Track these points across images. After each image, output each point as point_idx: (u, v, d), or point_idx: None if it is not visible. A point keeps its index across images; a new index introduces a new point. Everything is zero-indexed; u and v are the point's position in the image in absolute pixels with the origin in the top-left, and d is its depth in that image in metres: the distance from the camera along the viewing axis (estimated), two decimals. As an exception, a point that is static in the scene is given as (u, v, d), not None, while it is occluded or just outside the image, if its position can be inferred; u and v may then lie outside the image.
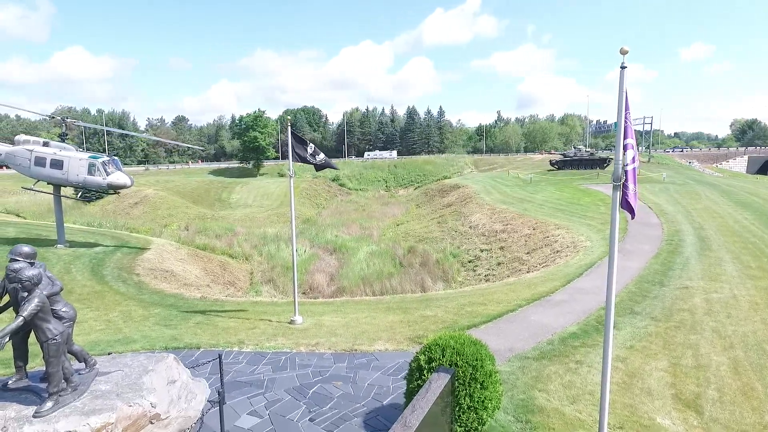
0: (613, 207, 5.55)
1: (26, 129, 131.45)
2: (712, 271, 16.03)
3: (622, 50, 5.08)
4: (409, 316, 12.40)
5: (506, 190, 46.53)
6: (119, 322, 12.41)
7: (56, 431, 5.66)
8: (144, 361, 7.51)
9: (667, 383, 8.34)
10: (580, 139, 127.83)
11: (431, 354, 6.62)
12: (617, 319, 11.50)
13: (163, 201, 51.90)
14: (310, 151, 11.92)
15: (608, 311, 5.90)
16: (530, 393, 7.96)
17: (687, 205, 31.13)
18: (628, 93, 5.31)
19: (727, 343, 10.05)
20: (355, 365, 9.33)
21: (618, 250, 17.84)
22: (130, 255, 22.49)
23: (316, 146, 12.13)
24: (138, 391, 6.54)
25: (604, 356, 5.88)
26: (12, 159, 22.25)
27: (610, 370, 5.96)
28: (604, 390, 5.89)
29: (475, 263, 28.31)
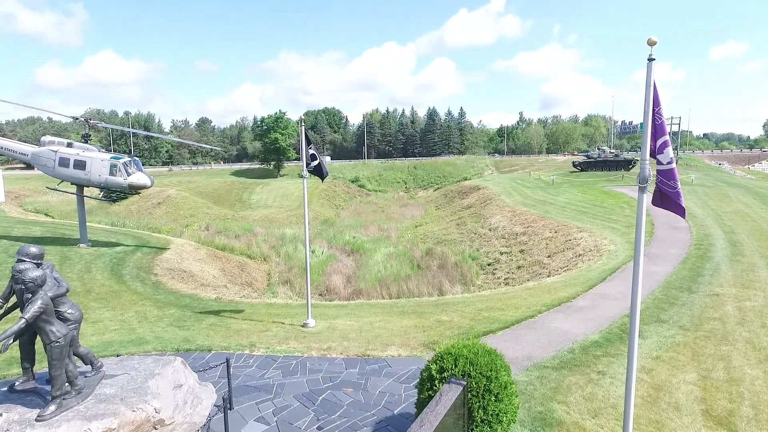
0: (639, 210, 5.18)
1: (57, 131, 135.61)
2: (744, 277, 15.26)
3: (650, 41, 4.72)
4: (424, 321, 12.08)
5: (527, 192, 45.69)
6: (134, 322, 12.43)
7: (58, 435, 5.56)
8: (151, 364, 7.39)
9: (697, 398, 7.84)
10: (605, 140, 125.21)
11: (443, 363, 6.31)
12: (642, 328, 10.98)
13: (186, 201, 52.64)
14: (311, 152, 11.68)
15: (633, 319, 5.52)
16: (549, 405, 7.58)
17: (717, 208, 29.96)
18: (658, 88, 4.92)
19: (763, 355, 9.45)
20: (367, 371, 9.08)
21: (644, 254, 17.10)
22: (150, 255, 22.73)
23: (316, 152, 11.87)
24: (143, 396, 6.41)
25: (629, 367, 5.50)
26: (38, 160, 22.75)
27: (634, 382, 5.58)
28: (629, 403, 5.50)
29: (494, 266, 27.78)
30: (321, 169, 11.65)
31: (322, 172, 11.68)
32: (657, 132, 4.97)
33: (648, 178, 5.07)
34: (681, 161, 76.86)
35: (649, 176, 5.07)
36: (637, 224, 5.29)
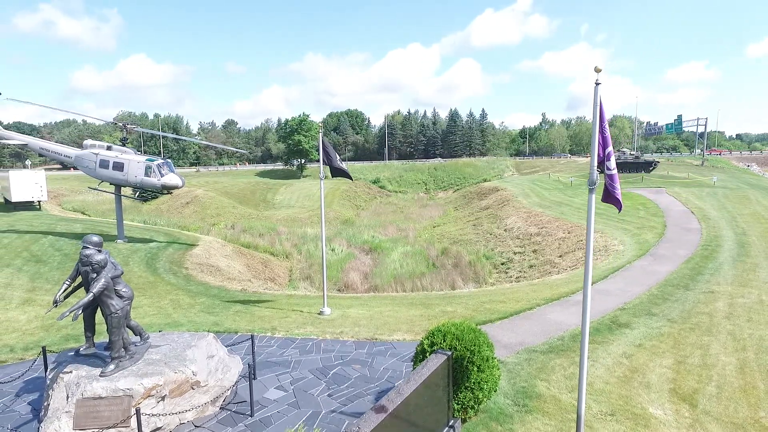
0: (589, 206, 6.16)
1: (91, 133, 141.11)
2: (744, 276, 15.81)
3: (596, 68, 5.71)
4: (429, 311, 13.15)
5: (545, 194, 46.08)
6: (169, 308, 13.87)
7: (117, 388, 6.88)
8: (188, 338, 8.71)
9: (668, 379, 8.71)
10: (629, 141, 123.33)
11: (434, 339, 7.40)
12: (632, 320, 11.81)
13: (212, 201, 54.80)
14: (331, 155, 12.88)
15: (584, 304, 6.48)
16: (532, 381, 8.57)
17: (733, 210, 30.02)
18: (604, 106, 5.90)
19: (740, 346, 10.20)
20: (374, 352, 10.22)
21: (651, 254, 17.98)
22: (181, 251, 24.39)
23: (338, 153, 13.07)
24: (182, 362, 7.70)
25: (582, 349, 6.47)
26: (80, 162, 24.67)
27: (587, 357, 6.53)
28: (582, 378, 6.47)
29: (507, 265, 28.55)
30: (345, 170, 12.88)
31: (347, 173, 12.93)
32: (605, 144, 5.95)
33: (596, 181, 6.05)
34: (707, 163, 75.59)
35: (596, 180, 6.04)
36: (588, 219, 6.25)
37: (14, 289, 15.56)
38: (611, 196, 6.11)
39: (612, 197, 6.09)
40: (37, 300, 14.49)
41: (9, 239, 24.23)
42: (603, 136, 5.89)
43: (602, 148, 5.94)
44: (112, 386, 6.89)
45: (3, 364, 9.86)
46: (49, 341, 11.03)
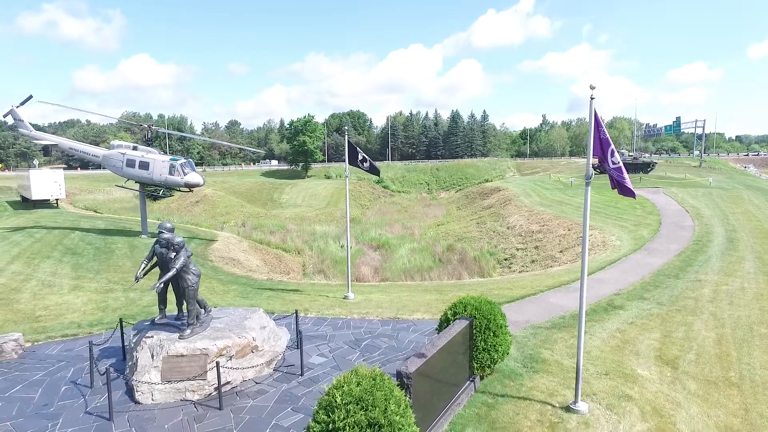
0: (585, 197, 7.56)
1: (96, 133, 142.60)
2: (729, 267, 17.23)
3: (591, 86, 7.12)
4: (443, 296, 14.57)
5: (546, 194, 47.51)
6: (207, 294, 15.26)
7: (195, 348, 8.29)
8: (242, 312, 10.14)
9: (654, 348, 10.13)
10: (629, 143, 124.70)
11: (456, 309, 8.81)
12: (625, 303, 13.23)
13: (221, 200, 56.20)
14: (360, 158, 14.34)
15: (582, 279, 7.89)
16: (538, 350, 9.98)
17: (726, 209, 31.44)
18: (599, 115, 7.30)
19: (719, 323, 11.61)
20: (398, 328, 11.64)
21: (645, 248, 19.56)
22: (202, 245, 25.80)
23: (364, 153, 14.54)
24: (243, 329, 9.12)
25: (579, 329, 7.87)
26: (108, 161, 26.08)
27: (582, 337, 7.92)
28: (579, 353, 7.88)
29: (510, 261, 29.96)
30: (374, 168, 14.32)
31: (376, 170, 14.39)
32: (604, 145, 7.32)
33: (591, 176, 7.45)
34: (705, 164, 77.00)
35: (592, 175, 7.44)
36: (584, 208, 7.65)
37: (61, 278, 16.97)
38: (622, 187, 7.33)
39: (624, 188, 7.31)
40: (85, 287, 15.89)
41: (40, 234, 25.65)
42: (602, 139, 7.27)
43: (605, 148, 7.29)
44: (192, 346, 8.30)
45: (76, 337, 11.26)
46: (108, 320, 12.43)
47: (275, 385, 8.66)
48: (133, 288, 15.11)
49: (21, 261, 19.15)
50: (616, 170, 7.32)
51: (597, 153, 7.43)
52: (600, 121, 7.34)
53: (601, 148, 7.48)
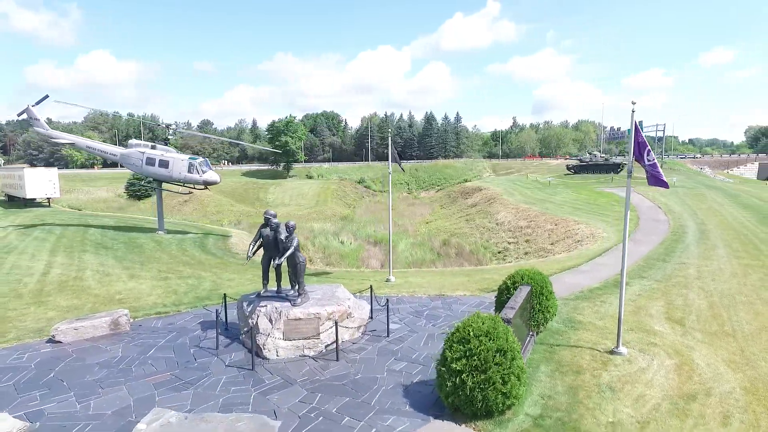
0: (627, 188, 9.72)
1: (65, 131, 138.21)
2: (706, 253, 20.03)
3: (632, 101, 9.28)
4: (472, 278, 16.64)
5: (527, 192, 50.51)
6: (257, 280, 16.77)
7: (309, 312, 10.02)
8: (326, 287, 11.88)
9: (662, 312, 12.48)
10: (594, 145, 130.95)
11: (514, 279, 10.86)
12: (630, 281, 15.63)
13: (211, 199, 56.68)
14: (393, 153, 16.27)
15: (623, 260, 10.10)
16: (571, 315, 12.15)
17: (693, 206, 34.92)
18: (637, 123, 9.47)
19: (708, 294, 14.12)
20: (448, 302, 13.61)
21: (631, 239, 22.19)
22: (220, 240, 27.04)
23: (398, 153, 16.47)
24: (337, 299, 10.88)
25: (621, 291, 10.04)
26: (126, 159, 26.94)
27: (624, 298, 10.08)
28: (620, 307, 10.05)
29: (503, 254, 32.41)
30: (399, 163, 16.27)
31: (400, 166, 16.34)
32: (641, 147, 9.46)
33: (632, 171, 9.62)
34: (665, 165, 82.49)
35: (632, 170, 9.62)
36: (626, 196, 9.82)
37: (111, 268, 18.09)
38: (657, 180, 9.44)
39: (658, 180, 9.40)
40: (140, 276, 17.12)
41: (58, 230, 26.29)
42: (639, 142, 9.41)
43: (642, 149, 9.43)
44: (306, 311, 10.02)
45: (168, 314, 12.69)
46: (186, 301, 13.85)
47: (370, 344, 10.47)
48: (245, 265, 16.25)
49: (61, 254, 20.06)
50: (651, 166, 9.47)
51: (636, 153, 9.59)
52: (638, 128, 9.52)
53: (638, 149, 9.66)
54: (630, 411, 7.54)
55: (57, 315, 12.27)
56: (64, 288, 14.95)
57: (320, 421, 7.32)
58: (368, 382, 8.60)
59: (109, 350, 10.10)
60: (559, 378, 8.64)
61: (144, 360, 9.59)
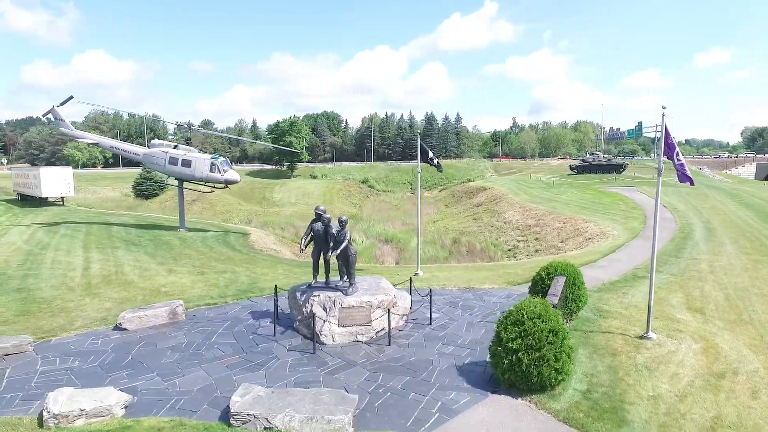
0: (657, 184, 10.53)
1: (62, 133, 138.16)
2: (715, 249, 20.89)
3: (663, 106, 10.08)
4: (495, 273, 17.43)
5: (532, 192, 51.38)
6: (290, 274, 17.53)
7: (362, 301, 10.77)
8: (371, 279, 12.63)
9: (683, 303, 13.30)
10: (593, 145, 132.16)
11: (548, 270, 11.66)
12: (646, 274, 16.41)
13: (218, 199, 57.32)
14: (430, 155, 17.05)
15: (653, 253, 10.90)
16: (598, 305, 12.95)
17: (696, 205, 35.83)
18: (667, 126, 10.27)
19: (723, 287, 14.96)
20: (479, 294, 14.39)
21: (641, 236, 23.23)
22: (240, 237, 27.75)
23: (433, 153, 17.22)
24: (383, 290, 11.63)
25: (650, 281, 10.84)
26: (149, 159, 27.60)
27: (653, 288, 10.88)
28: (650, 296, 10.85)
29: (514, 251, 33.23)
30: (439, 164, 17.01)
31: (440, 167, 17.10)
32: (671, 148, 10.26)
33: (662, 170, 10.42)
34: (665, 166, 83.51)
35: (662, 169, 10.42)
36: (656, 192, 10.61)
37: (147, 263, 18.79)
38: (685, 177, 10.31)
39: (685, 177, 10.28)
40: (178, 271, 17.82)
41: (84, 228, 26.93)
42: (669, 143, 10.23)
43: (671, 150, 10.24)
44: (359, 300, 10.78)
45: (216, 305, 13.42)
46: (231, 293, 14.58)
47: (415, 331, 11.25)
48: (299, 255, 16.77)
49: (94, 250, 20.75)
50: (680, 165, 10.30)
51: (666, 153, 10.40)
52: (668, 131, 10.33)
53: (668, 150, 10.47)
54: (667, 387, 8.34)
55: (113, 306, 12.98)
56: (110, 282, 15.65)
57: (389, 396, 8.09)
58: (423, 364, 9.37)
59: (174, 336, 10.84)
60: (598, 359, 9.44)
61: (210, 345, 10.33)
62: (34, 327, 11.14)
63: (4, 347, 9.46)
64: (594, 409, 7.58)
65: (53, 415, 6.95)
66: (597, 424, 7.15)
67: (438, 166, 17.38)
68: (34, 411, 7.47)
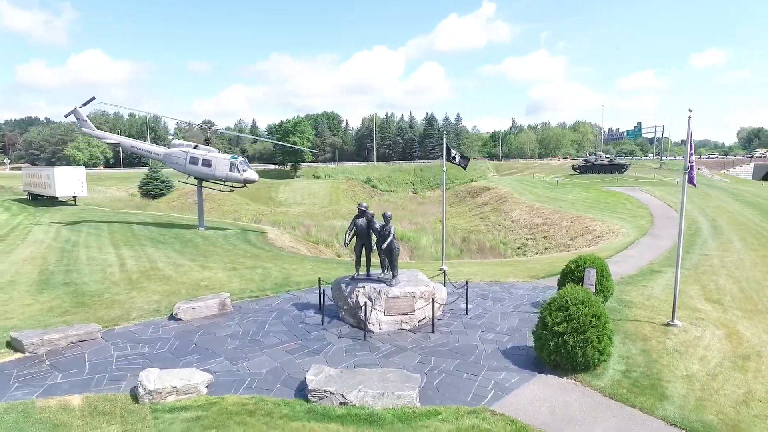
0: (683, 182, 11.28)
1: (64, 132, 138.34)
2: (724, 246, 21.70)
3: (689, 109, 10.84)
4: (516, 268, 18.17)
5: (537, 191, 52.20)
6: (319, 269, 18.21)
7: (406, 291, 11.47)
8: (408, 272, 13.30)
9: (700, 294, 14.07)
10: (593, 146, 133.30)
11: (577, 263, 12.38)
12: (662, 269, 17.24)
13: (226, 198, 57.87)
14: (453, 153, 17.76)
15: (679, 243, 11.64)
16: (621, 297, 13.70)
17: (700, 204, 36.71)
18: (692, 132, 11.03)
19: (736, 280, 15.75)
20: (505, 287, 15.12)
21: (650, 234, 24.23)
22: (258, 236, 28.39)
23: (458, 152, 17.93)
24: (422, 282, 12.32)
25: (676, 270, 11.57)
26: (170, 159, 28.20)
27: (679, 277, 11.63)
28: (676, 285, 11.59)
29: (523, 249, 34.00)
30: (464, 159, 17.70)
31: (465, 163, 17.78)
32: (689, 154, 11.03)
33: (686, 169, 11.17)
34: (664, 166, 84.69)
35: (687, 167, 11.17)
36: (682, 191, 11.36)
37: (179, 260, 19.42)
38: (691, 178, 11.12)
39: (691, 178, 11.10)
40: (210, 267, 18.46)
41: (104, 226, 27.51)
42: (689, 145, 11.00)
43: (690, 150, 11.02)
44: (403, 290, 11.48)
45: (258, 298, 14.09)
46: (268, 287, 15.24)
47: (454, 320, 11.96)
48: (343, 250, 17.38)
49: (124, 248, 21.37)
50: (691, 167, 11.10)
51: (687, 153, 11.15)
52: (690, 134, 11.08)
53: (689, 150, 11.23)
54: (698, 367, 9.08)
55: (161, 298, 13.63)
56: (149, 277, 16.29)
57: (444, 377, 8.79)
58: (469, 348, 10.08)
59: (228, 326, 11.51)
60: (631, 344, 10.17)
61: (265, 333, 11.01)
62: (95, 317, 11.78)
63: (77, 334, 10.11)
64: (635, 386, 8.31)
65: (148, 392, 7.61)
66: (641, 398, 7.87)
67: (462, 164, 18.03)
68: (123, 389, 8.14)
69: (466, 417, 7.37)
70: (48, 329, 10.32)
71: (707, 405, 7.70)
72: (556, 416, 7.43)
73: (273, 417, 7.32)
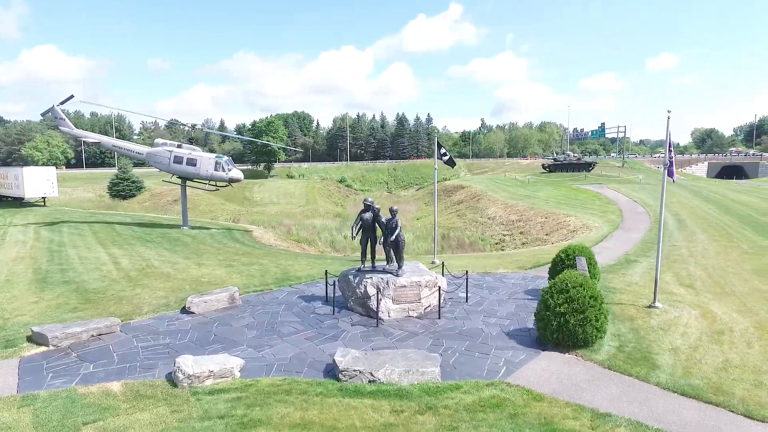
0: (663, 178, 12.41)
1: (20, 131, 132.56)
2: (689, 238, 23.39)
3: (668, 110, 11.97)
4: (504, 260, 19.15)
5: (510, 189, 53.90)
6: (314, 264, 18.68)
7: (412, 281, 12.17)
8: (411, 263, 14.00)
9: (674, 280, 15.36)
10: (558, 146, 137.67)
11: (567, 252, 13.40)
12: (637, 259, 18.56)
13: (201, 198, 57.15)
14: (442, 152, 18.57)
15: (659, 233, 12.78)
16: (605, 284, 14.80)
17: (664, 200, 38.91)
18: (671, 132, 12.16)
19: (704, 267, 17.19)
20: (497, 278, 16.04)
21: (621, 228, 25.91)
22: (245, 234, 28.54)
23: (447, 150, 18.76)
24: (424, 272, 13.05)
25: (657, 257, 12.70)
26: (153, 158, 27.96)
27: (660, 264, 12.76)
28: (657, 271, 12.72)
29: (501, 245, 35.27)
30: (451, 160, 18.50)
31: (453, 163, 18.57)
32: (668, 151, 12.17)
33: (666, 165, 12.31)
34: (626, 165, 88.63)
35: (667, 164, 12.30)
36: (662, 185, 12.49)
37: (173, 258, 19.49)
38: (670, 174, 12.26)
39: (671, 174, 12.25)
40: (206, 264, 18.64)
41: (86, 226, 27.06)
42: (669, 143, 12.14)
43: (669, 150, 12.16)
44: (409, 280, 12.17)
45: (263, 292, 14.49)
46: (270, 281, 15.65)
47: (456, 308, 12.74)
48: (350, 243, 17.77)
49: (113, 247, 21.22)
50: (671, 163, 12.25)
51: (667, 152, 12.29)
52: (669, 133, 12.23)
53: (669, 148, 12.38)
54: (681, 341, 10.15)
55: (167, 294, 13.85)
56: (148, 274, 16.39)
57: (458, 356, 9.53)
58: (475, 332, 10.87)
59: (242, 317, 11.92)
60: (620, 323, 11.20)
61: (280, 323, 11.49)
62: (107, 312, 11.96)
63: (98, 327, 10.34)
64: (630, 358, 9.27)
65: (187, 376, 8.03)
66: (636, 369, 8.83)
67: (450, 162, 18.85)
68: (158, 376, 8.50)
69: (485, 389, 8.12)
70: (68, 323, 10.49)
71: (693, 372, 8.71)
72: (565, 385, 8.28)
73: (309, 395, 7.88)
